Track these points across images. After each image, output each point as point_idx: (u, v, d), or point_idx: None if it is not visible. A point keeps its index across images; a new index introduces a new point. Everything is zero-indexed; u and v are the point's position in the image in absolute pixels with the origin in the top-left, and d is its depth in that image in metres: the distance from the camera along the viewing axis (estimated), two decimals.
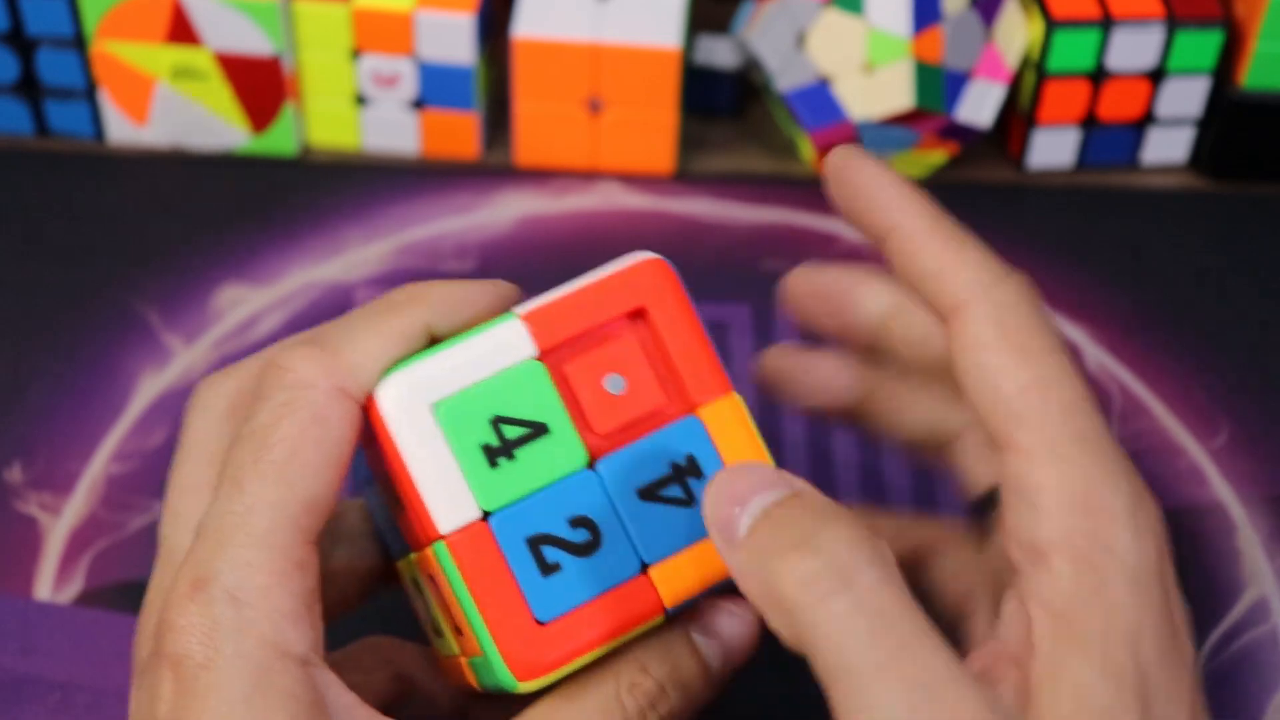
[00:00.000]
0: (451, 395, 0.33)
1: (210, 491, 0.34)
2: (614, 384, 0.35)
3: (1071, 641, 0.32)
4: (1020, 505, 0.33)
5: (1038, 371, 0.33)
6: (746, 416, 0.35)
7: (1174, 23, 0.57)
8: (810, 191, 0.59)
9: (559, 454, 0.34)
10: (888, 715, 0.29)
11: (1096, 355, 0.54)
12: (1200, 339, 0.55)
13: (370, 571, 0.39)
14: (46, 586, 0.47)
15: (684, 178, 0.60)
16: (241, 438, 0.33)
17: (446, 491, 0.33)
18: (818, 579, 0.30)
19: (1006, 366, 0.34)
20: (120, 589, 0.47)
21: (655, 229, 0.58)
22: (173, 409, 0.51)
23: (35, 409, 0.51)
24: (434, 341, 0.34)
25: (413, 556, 0.35)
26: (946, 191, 0.59)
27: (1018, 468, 0.33)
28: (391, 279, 0.55)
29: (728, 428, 0.35)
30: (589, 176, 0.59)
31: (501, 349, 0.34)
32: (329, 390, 0.33)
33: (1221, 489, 0.51)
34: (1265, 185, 0.60)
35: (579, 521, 0.34)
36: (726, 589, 0.34)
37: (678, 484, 0.34)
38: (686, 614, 0.35)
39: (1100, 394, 0.53)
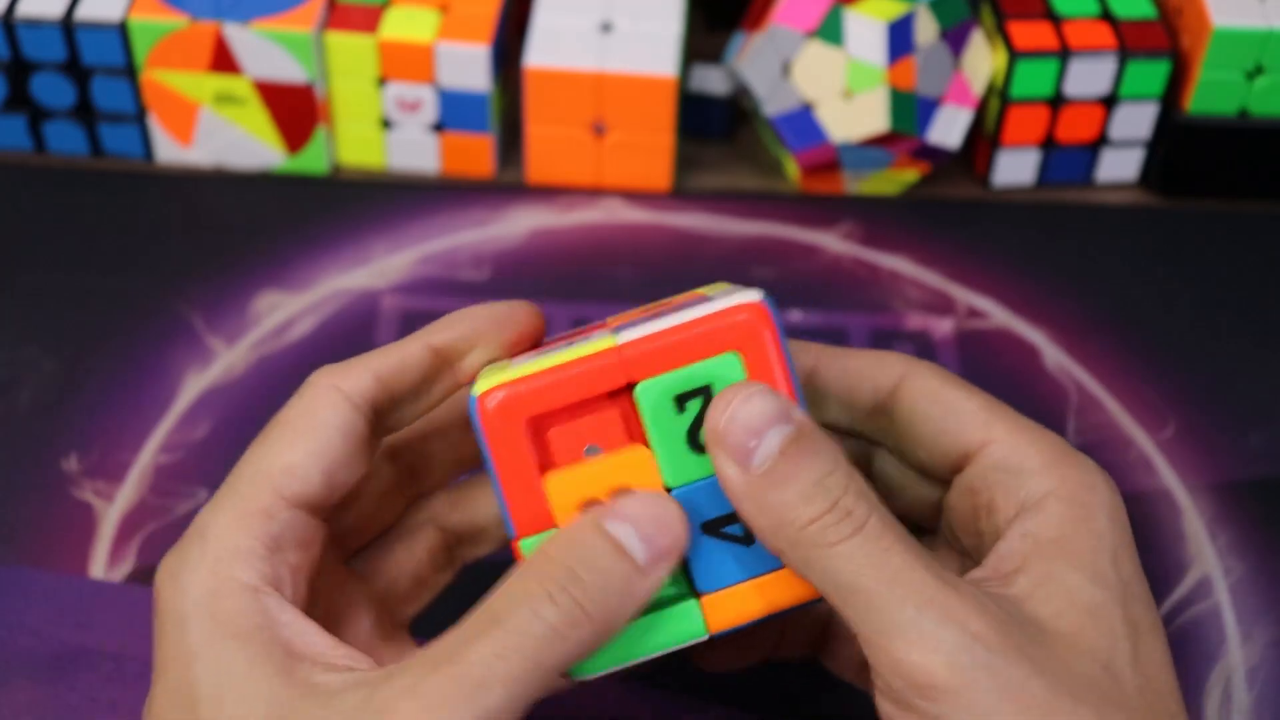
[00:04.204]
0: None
1: None
2: None
3: (1062, 558, 0.34)
4: (1009, 478, 0.35)
5: (982, 398, 0.37)
6: None
7: (1125, 53, 0.57)
8: (795, 206, 0.59)
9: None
10: (893, 620, 0.31)
11: (1055, 356, 0.54)
12: (1149, 341, 0.55)
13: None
14: (100, 566, 0.47)
15: (680, 194, 0.60)
16: None
17: None
18: (836, 525, 0.32)
19: (963, 397, 0.37)
20: None
21: (654, 241, 0.58)
22: (215, 405, 0.51)
23: (90, 405, 0.51)
24: (438, 354, 0.36)
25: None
26: (918, 207, 0.59)
27: (999, 453, 0.36)
28: (414, 286, 0.55)
29: None
30: (594, 193, 0.59)
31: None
32: (324, 387, 0.35)
33: (1168, 477, 0.51)
34: (1208, 201, 0.60)
35: None
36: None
37: (740, 522, 0.34)
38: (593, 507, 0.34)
39: (1059, 391, 0.53)
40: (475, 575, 0.41)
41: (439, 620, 0.39)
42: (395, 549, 0.40)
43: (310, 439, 0.35)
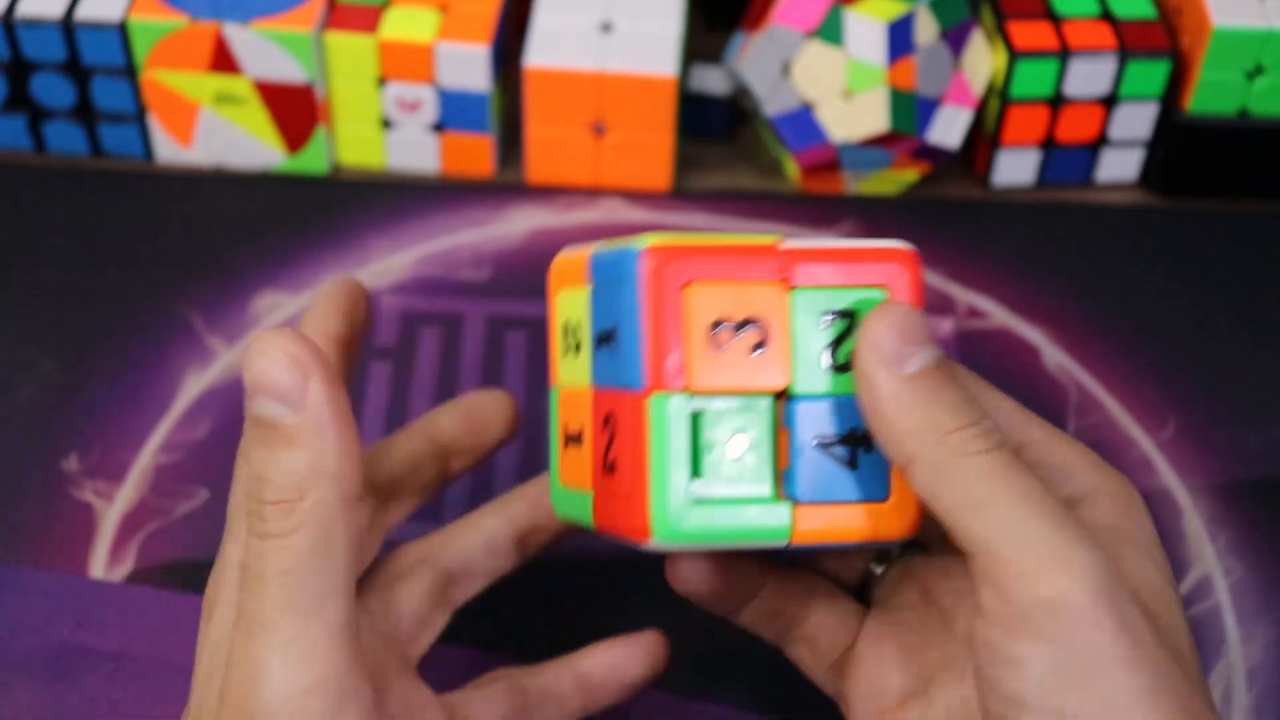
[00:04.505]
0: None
1: None
2: None
3: (1124, 541, 0.34)
4: (1052, 475, 0.36)
5: (1013, 401, 0.38)
6: None
7: (1125, 53, 0.57)
8: (795, 207, 0.59)
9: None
10: (1026, 533, 0.31)
11: (1055, 356, 0.54)
12: (1149, 341, 0.55)
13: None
14: (100, 566, 0.47)
15: (680, 194, 0.60)
16: None
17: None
18: (977, 438, 0.32)
19: (998, 398, 0.37)
20: (168, 568, 0.47)
21: None
22: (215, 404, 0.51)
23: (90, 404, 0.51)
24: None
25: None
26: (918, 207, 0.59)
27: (1040, 451, 0.36)
28: (414, 286, 0.55)
29: None
30: (593, 193, 0.59)
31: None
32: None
33: (1168, 477, 0.51)
34: (1208, 201, 0.60)
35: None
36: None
37: (853, 444, 0.35)
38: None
39: (1059, 391, 0.53)
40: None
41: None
42: (397, 590, 0.40)
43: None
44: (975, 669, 0.32)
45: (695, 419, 0.34)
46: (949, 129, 0.57)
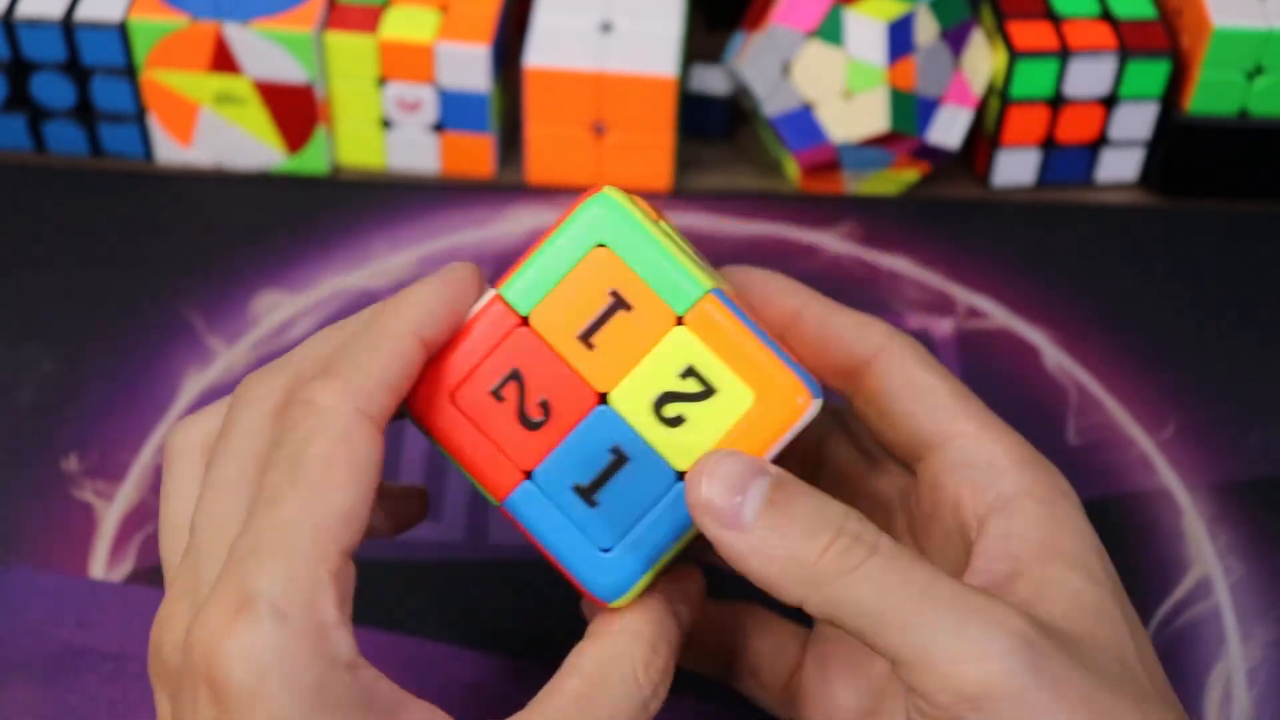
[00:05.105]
0: None
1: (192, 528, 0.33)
2: None
3: (1056, 559, 0.34)
4: (977, 475, 0.35)
5: (952, 384, 0.37)
6: None
7: (1125, 53, 0.57)
8: (795, 207, 0.59)
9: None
10: (935, 633, 0.31)
11: (1055, 356, 0.54)
12: (1149, 340, 0.55)
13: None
14: (100, 566, 0.47)
15: (680, 194, 0.60)
16: (275, 463, 0.31)
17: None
18: (849, 550, 0.31)
19: (935, 382, 0.37)
20: None
21: None
22: None
23: (90, 404, 0.51)
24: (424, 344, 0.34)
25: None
26: (918, 207, 0.59)
27: (967, 448, 0.36)
28: None
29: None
30: None
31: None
32: (350, 414, 0.32)
33: (1168, 477, 0.51)
34: (1208, 201, 0.60)
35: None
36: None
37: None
38: (664, 584, 0.35)
39: (1058, 391, 0.53)
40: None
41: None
42: None
43: (358, 479, 0.31)
44: None
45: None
46: (949, 129, 0.57)
